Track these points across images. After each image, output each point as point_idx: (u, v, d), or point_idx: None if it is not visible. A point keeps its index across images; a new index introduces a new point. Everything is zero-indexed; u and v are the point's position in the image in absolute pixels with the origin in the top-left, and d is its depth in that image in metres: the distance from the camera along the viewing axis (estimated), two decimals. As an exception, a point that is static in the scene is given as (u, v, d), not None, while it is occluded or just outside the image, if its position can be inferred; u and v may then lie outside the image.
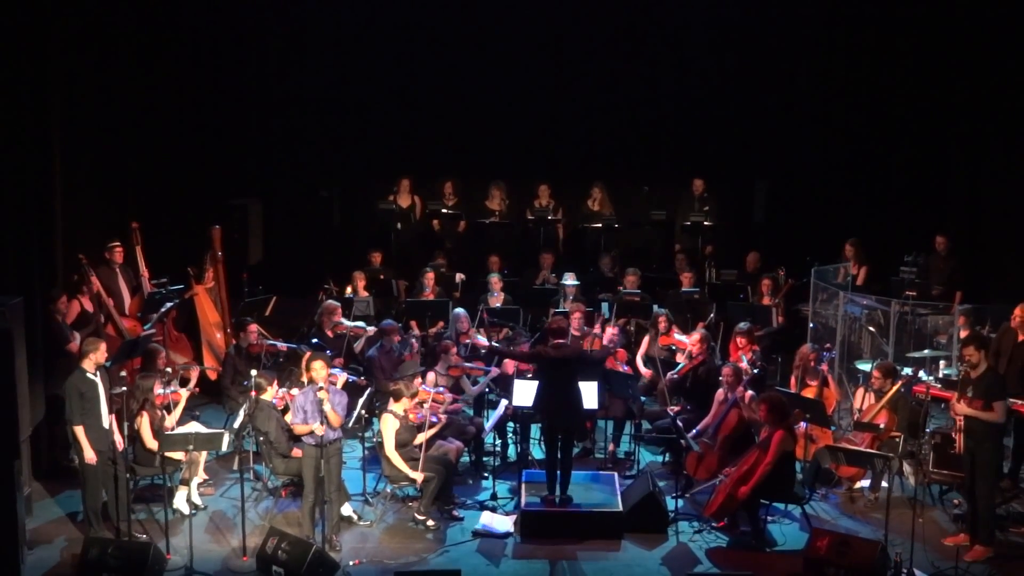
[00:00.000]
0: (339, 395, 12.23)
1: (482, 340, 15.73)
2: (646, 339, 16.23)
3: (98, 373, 12.16)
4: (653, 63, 20.89)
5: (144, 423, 12.62)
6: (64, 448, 13.35)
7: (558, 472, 12.92)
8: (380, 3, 20.66)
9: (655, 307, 16.80)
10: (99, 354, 12.16)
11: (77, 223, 15.09)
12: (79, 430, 11.98)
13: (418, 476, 12.76)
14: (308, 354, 13.28)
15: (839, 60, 20.18)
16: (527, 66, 20.81)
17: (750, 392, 13.60)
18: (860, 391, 14.16)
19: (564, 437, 13.04)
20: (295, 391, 12.87)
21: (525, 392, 13.44)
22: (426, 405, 13.13)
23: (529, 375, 13.97)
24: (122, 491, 12.18)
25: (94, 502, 12.19)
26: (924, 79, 19.36)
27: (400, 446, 12.81)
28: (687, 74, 20.85)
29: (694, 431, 13.67)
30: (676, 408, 14.18)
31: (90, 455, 11.98)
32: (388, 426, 12.80)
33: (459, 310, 16.02)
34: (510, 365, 14.80)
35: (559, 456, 12.96)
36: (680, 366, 14.98)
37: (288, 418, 12.50)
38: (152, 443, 12.56)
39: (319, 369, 11.98)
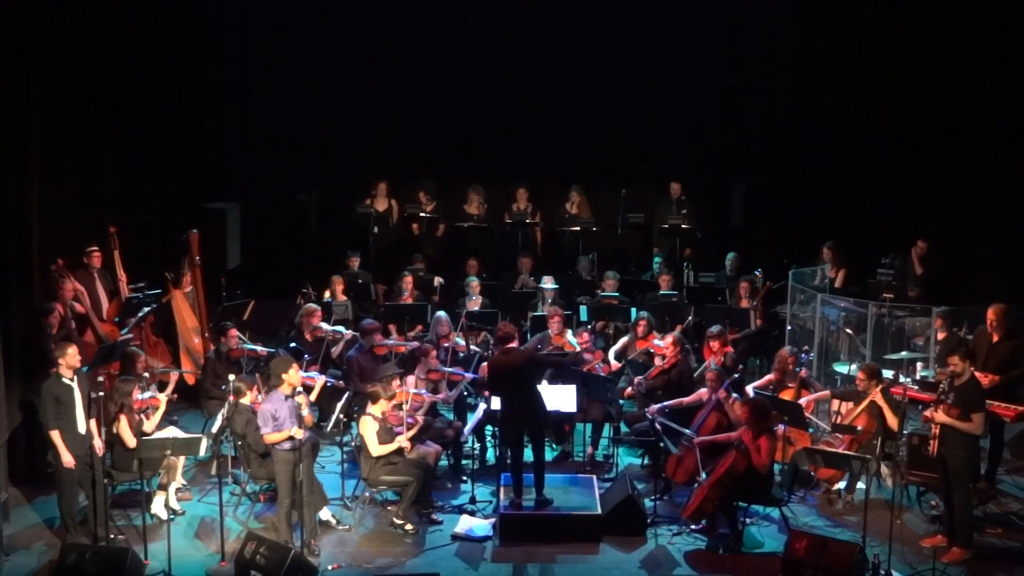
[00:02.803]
0: (305, 395, 12.30)
1: (462, 344, 15.76)
2: (623, 340, 16.25)
3: (75, 378, 12.12)
4: (631, 66, 20.92)
5: (123, 425, 12.58)
6: (43, 453, 13.28)
7: (532, 474, 12.98)
8: (358, 7, 20.66)
9: (634, 310, 16.87)
10: (70, 357, 12.10)
11: (54, 228, 15.04)
12: (55, 435, 11.95)
13: (405, 443, 12.88)
14: (276, 358, 13.15)
15: (817, 62, 20.25)
16: (505, 70, 20.87)
17: (735, 396, 13.63)
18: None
19: (533, 440, 13.14)
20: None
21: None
22: (404, 407, 13.15)
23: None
24: (100, 496, 12.15)
25: (70, 507, 12.16)
26: (901, 81, 19.46)
27: (371, 450, 12.85)
28: (665, 77, 20.87)
29: (664, 404, 13.83)
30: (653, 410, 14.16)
31: (67, 459, 11.95)
32: (368, 428, 12.80)
33: (440, 313, 16.02)
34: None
35: (533, 459, 13.06)
36: (652, 368, 15.01)
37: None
38: (132, 441, 12.51)
39: (294, 373, 12.00)
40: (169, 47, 18.65)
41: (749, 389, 14.20)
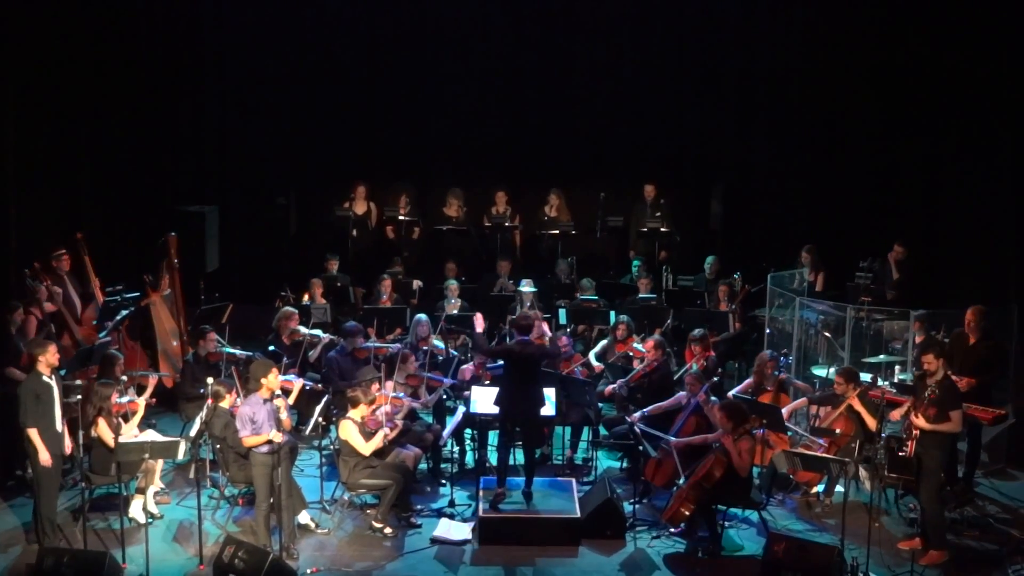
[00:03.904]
0: (284, 399, 12.28)
1: (440, 347, 15.76)
2: (603, 343, 16.26)
3: (53, 376, 12.08)
4: (609, 69, 20.94)
5: (102, 426, 12.54)
6: (21, 457, 13.21)
7: (521, 476, 13.10)
8: (337, 10, 20.64)
9: (613, 314, 16.89)
10: (50, 355, 12.06)
11: (32, 231, 15.00)
12: (33, 432, 11.87)
13: (387, 430, 12.89)
14: (255, 362, 13.10)
15: (795, 66, 20.27)
16: (483, 73, 20.87)
17: (713, 399, 13.64)
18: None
19: (525, 433, 13.21)
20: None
21: (482, 399, 13.47)
22: (382, 409, 13.12)
23: (487, 382, 14.00)
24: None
25: (49, 510, 12.09)
26: (879, 86, 19.51)
27: (353, 453, 12.80)
28: (643, 80, 20.88)
29: (644, 411, 13.82)
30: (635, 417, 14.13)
31: (45, 457, 11.88)
32: (350, 430, 12.76)
33: (420, 316, 16.00)
34: (467, 372, 14.82)
35: (524, 451, 13.21)
36: (634, 372, 15.01)
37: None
38: (112, 440, 12.46)
39: (274, 377, 11.97)
40: (145, 50, 18.61)
41: (731, 395, 14.21)
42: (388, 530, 12.73)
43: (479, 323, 14.08)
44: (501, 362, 13.59)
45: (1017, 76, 17.21)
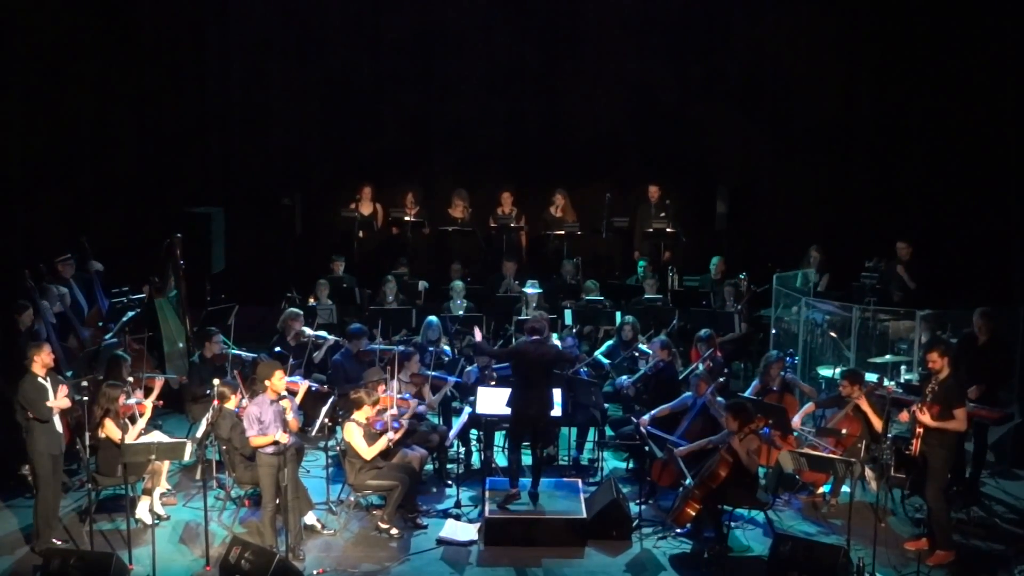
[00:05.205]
0: (291, 400, 12.29)
1: (447, 350, 15.76)
2: (609, 343, 16.25)
3: (48, 378, 12.08)
4: (615, 70, 20.96)
5: (109, 426, 12.53)
6: (20, 457, 13.22)
7: (530, 467, 13.18)
8: (341, 12, 20.66)
9: (619, 314, 16.88)
10: (44, 356, 12.08)
11: (38, 232, 15.03)
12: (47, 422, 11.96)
13: (391, 435, 12.84)
14: (261, 363, 13.09)
15: (799, 66, 20.27)
16: (489, 73, 20.89)
17: (720, 400, 13.63)
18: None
19: (534, 435, 13.19)
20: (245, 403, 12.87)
21: (488, 399, 13.47)
22: (388, 412, 13.11)
23: (492, 383, 13.99)
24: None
25: (47, 511, 12.10)
26: (883, 85, 19.51)
27: (358, 455, 12.80)
28: (649, 81, 20.90)
29: (651, 413, 13.79)
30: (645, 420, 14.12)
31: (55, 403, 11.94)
32: (354, 434, 12.76)
33: (432, 319, 15.98)
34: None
35: (532, 452, 13.19)
36: (641, 373, 14.99)
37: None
38: (119, 436, 12.45)
39: (278, 379, 11.97)
40: (151, 52, 18.62)
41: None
42: (394, 531, 12.73)
43: (477, 334, 14.11)
44: (506, 364, 13.58)
45: (1022, 76, 17.20)
